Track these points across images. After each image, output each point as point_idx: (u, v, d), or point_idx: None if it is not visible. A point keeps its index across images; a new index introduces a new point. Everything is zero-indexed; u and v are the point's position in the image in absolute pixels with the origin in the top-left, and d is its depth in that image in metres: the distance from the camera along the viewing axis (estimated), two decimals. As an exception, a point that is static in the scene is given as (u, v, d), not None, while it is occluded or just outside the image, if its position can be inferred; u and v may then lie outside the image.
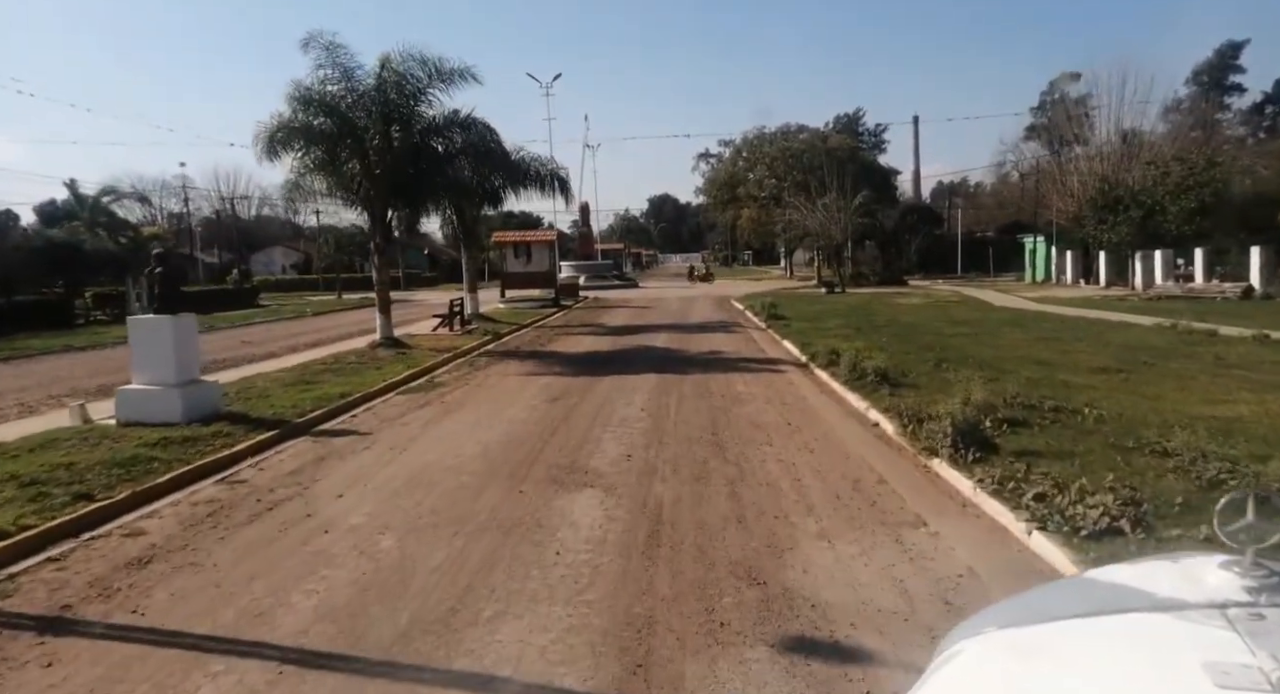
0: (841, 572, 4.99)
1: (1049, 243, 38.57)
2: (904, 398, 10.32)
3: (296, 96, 15.32)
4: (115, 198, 56.84)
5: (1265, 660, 0.96)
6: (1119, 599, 1.26)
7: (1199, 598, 1.17)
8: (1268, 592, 1.15)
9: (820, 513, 6.17)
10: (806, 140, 61.47)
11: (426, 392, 12.34)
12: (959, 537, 5.59)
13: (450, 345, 17.79)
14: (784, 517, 6.11)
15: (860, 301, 31.15)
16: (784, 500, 6.50)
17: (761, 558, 5.25)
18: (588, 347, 18.55)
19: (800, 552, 5.36)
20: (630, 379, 13.20)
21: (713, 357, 16.27)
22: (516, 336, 21.08)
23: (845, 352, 14.24)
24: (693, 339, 19.51)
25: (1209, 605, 1.14)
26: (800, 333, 19.26)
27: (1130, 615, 1.19)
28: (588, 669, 3.88)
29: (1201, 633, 1.06)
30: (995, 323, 20.46)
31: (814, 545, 5.47)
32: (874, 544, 5.45)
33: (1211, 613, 1.11)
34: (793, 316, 24.10)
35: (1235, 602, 1.14)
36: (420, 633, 4.28)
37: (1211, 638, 1.04)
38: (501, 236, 34.14)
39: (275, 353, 18.20)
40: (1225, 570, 1.22)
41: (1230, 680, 0.93)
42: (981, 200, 76.58)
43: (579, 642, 4.15)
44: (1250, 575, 1.19)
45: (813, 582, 4.84)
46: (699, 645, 4.09)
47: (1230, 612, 1.10)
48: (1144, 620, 1.16)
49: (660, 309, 30.97)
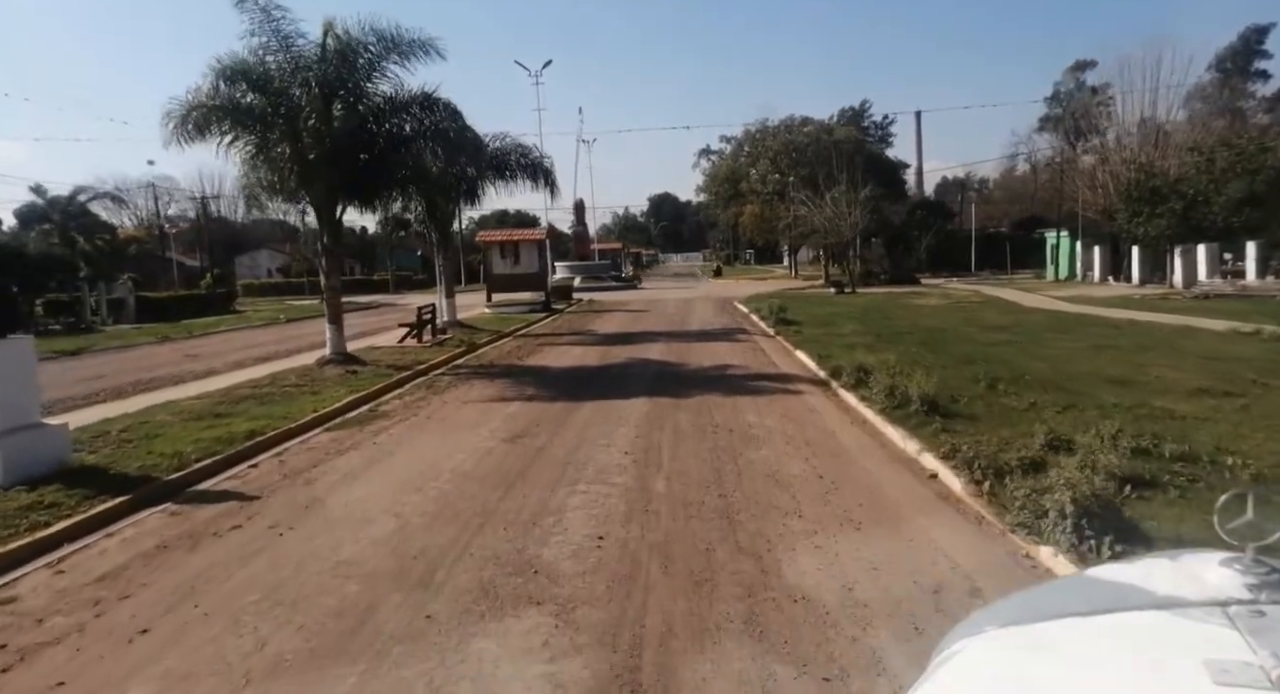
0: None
1: (1073, 238, 36.13)
2: (961, 435, 8.00)
3: (220, 68, 12.94)
4: (91, 198, 54.53)
5: (1266, 658, 0.94)
6: (1119, 597, 1.23)
7: (1199, 596, 1.15)
8: (1268, 589, 1.12)
9: (895, 668, 3.82)
10: (811, 133, 59.11)
11: (361, 427, 9.97)
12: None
13: (413, 361, 15.44)
14: (842, 676, 3.76)
15: (873, 303, 28.77)
16: (834, 636, 4.14)
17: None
18: (573, 360, 16.19)
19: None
20: (616, 405, 10.84)
21: (716, 373, 13.90)
22: (494, 348, 18.71)
23: (875, 367, 11.91)
24: (693, 349, 17.15)
25: (1209, 603, 1.12)
26: (814, 341, 16.90)
27: (1130, 613, 1.17)
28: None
29: (1202, 631, 1.05)
30: (1034, 328, 18.07)
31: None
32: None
33: (1212, 611, 1.09)
34: (803, 321, 21.77)
35: (1236, 599, 1.11)
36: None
37: (1212, 636, 1.03)
38: (487, 236, 31.77)
39: (216, 370, 15.86)
40: (1226, 568, 1.18)
41: (1230, 678, 0.92)
42: (991, 195, 74.12)
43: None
44: (1251, 573, 1.16)
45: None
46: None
47: (1231, 609, 1.09)
48: (1144, 618, 1.14)
49: (658, 313, 28.61)
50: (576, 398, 11.55)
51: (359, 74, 14.10)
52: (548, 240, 39.11)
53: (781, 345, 17.58)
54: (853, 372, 11.78)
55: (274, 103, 13.22)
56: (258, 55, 13.40)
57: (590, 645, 4.14)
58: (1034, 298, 27.67)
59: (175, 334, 25.13)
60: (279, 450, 8.76)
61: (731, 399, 11.15)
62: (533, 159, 21.82)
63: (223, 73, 13.03)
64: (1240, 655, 0.97)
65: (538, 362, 16.03)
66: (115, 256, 53.67)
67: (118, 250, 54.25)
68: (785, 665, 3.88)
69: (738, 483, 7.00)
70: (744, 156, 63.15)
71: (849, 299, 31.60)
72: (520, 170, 21.76)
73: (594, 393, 11.95)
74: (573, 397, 11.67)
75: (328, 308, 14.87)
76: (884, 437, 8.72)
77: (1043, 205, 65.38)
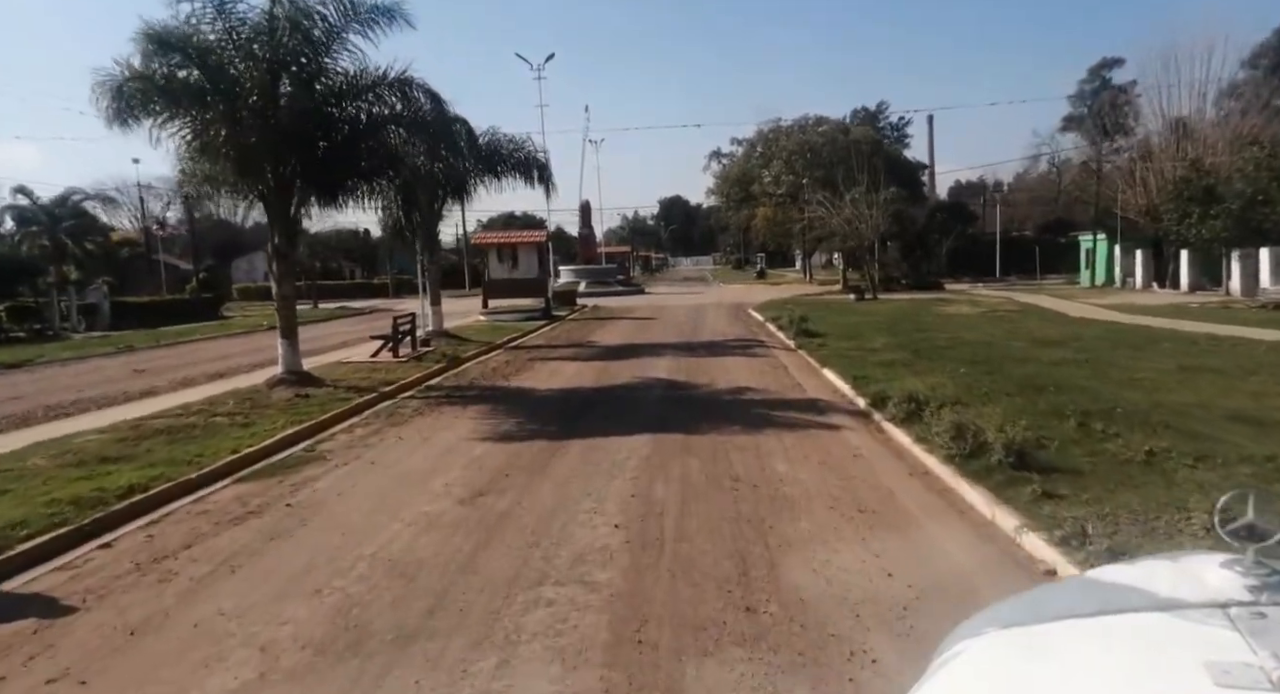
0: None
1: (1111, 240, 33.75)
2: (1071, 503, 5.90)
3: (150, 34, 10.86)
4: (83, 199, 52.76)
5: (1266, 659, 0.95)
6: (1120, 599, 1.23)
7: (1200, 597, 1.15)
8: (1269, 590, 1.12)
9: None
10: (826, 133, 56.80)
11: (283, 477, 7.84)
12: None
13: (381, 380, 13.35)
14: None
15: (899, 311, 26.55)
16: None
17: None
18: (566, 379, 14.06)
19: None
20: (610, 445, 8.70)
21: (732, 398, 11.75)
22: (479, 363, 16.58)
23: (926, 395, 9.74)
24: (704, 366, 14.99)
25: (1210, 605, 1.12)
26: (843, 357, 14.74)
27: (1131, 615, 1.17)
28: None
29: (1202, 632, 1.05)
30: (1096, 342, 15.82)
31: None
32: None
33: (1212, 612, 1.09)
34: (826, 331, 19.60)
35: (1236, 601, 1.11)
36: None
37: (1212, 637, 1.03)
38: (483, 238, 29.73)
39: (157, 390, 13.83)
40: (1226, 569, 1.19)
41: (1231, 679, 0.92)
42: (1011, 197, 71.56)
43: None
44: (1251, 574, 1.16)
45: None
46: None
47: (1231, 611, 1.09)
48: (1145, 620, 1.15)
49: (666, 321, 26.46)
50: (563, 433, 9.41)
51: (316, 47, 12.03)
52: (549, 242, 37.06)
53: (805, 361, 15.41)
54: (902, 401, 9.60)
55: (212, 78, 11.15)
56: (192, 23, 11.34)
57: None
58: (1077, 306, 25.37)
59: (142, 343, 23.15)
60: (158, 515, 6.64)
61: (753, 437, 8.99)
62: (525, 153, 19.76)
63: (152, 40, 10.96)
64: (1241, 657, 0.96)
65: (525, 381, 13.89)
66: (107, 259, 52.10)
67: (110, 253, 52.60)
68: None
69: (772, 588, 4.84)
70: (756, 157, 60.89)
71: (871, 306, 29.39)
72: (512, 165, 19.69)
73: (585, 426, 9.81)
74: (559, 432, 9.54)
75: (280, 319, 12.80)
76: (960, 500, 6.55)
77: (1066, 207, 63.01)
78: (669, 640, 4.23)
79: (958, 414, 8.41)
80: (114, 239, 54.12)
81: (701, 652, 4.10)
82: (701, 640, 4.21)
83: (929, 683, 1.17)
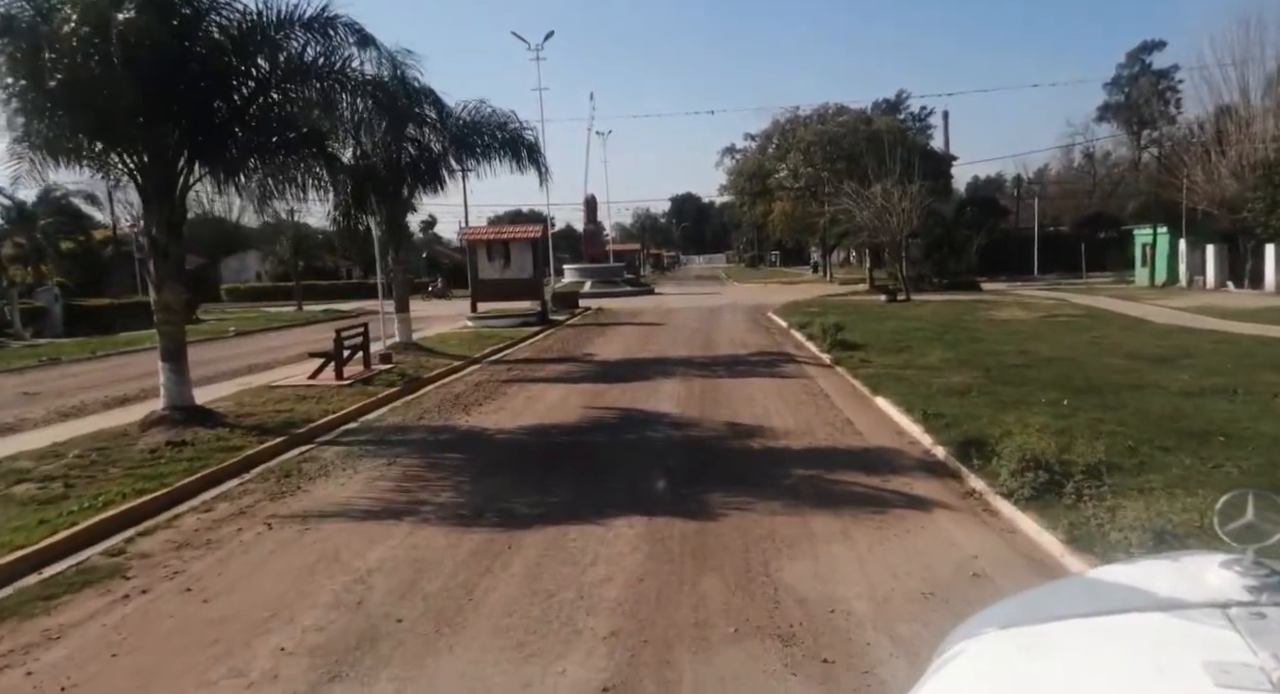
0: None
1: (1173, 235, 30.26)
2: None
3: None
4: (65, 195, 49.96)
5: (1266, 660, 0.95)
6: (1120, 599, 1.24)
7: (1200, 597, 1.15)
8: (1268, 591, 1.12)
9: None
10: (847, 123, 53.48)
11: (25, 619, 4.72)
12: None
13: (304, 415, 10.26)
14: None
15: (941, 314, 23.26)
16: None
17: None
18: (543, 412, 10.88)
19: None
20: (578, 549, 5.54)
21: (763, 448, 8.55)
22: (442, 387, 13.39)
23: (1047, 450, 6.54)
24: (722, 393, 11.82)
25: (1210, 605, 1.12)
26: (897, 379, 11.58)
27: (1131, 615, 1.17)
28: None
29: (1202, 632, 1.05)
30: (1215, 359, 12.50)
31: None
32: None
33: (1212, 612, 1.10)
34: (865, 341, 16.42)
35: (1236, 601, 1.11)
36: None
37: (1212, 637, 1.03)
38: (471, 234, 26.56)
39: (20, 425, 10.81)
40: (1226, 569, 1.18)
41: (1231, 680, 0.93)
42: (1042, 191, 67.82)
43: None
44: (1251, 574, 1.15)
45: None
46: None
47: (1231, 611, 1.09)
48: (1145, 620, 1.15)
49: (677, 326, 23.27)
50: (512, 520, 6.26)
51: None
52: (548, 239, 34.01)
53: (848, 384, 12.22)
54: (1018, 463, 6.40)
55: (42, 8, 8.05)
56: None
57: None
58: (1152, 309, 21.98)
59: (72, 354, 20.17)
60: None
61: (803, 526, 5.83)
62: (511, 130, 16.61)
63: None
64: (1241, 657, 0.96)
65: (488, 417, 10.71)
66: (87, 259, 49.40)
67: (91, 252, 49.88)
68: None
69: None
70: (773, 149, 57.57)
71: (906, 309, 26.10)
72: (495, 145, 16.56)
73: (548, 504, 6.65)
74: (507, 515, 6.38)
75: (160, 338, 9.71)
76: None
77: (1102, 201, 59.36)
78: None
79: (1141, 502, 5.24)
80: (98, 237, 51.38)
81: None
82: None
83: (929, 683, 1.15)
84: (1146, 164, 55.83)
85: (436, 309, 34.44)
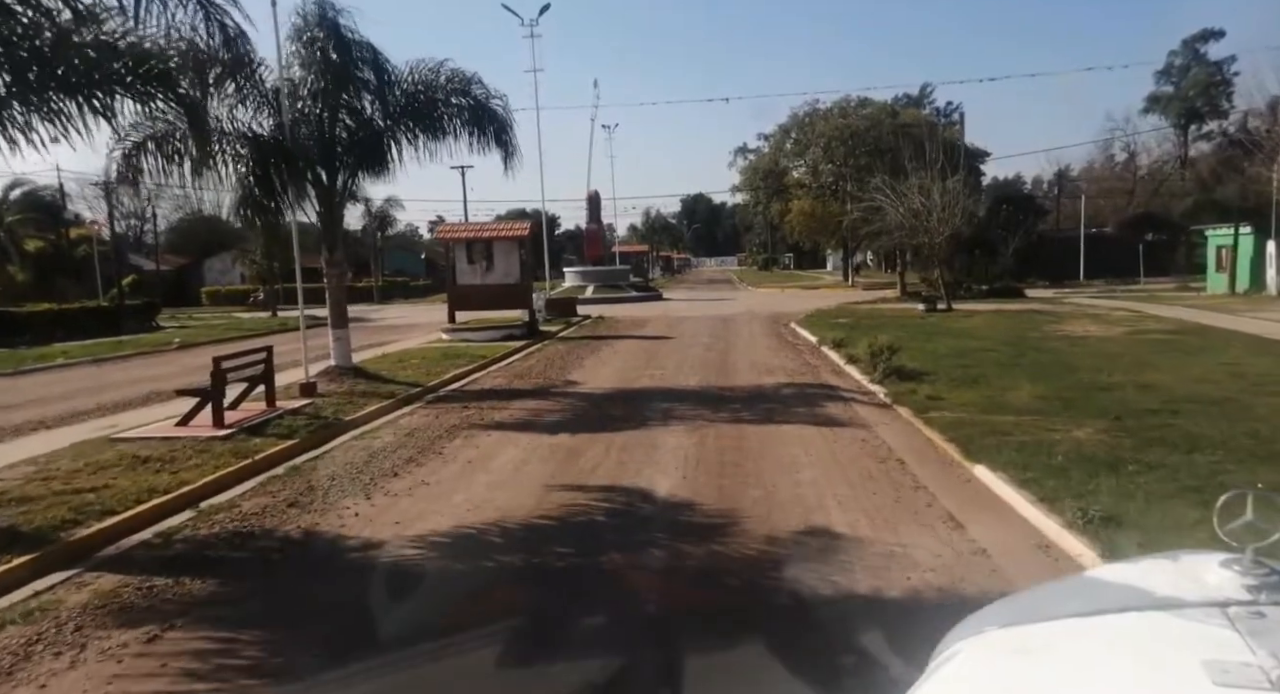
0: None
1: (1259, 236, 26.45)
2: None
3: None
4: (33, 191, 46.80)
5: (1265, 659, 0.94)
6: (1119, 598, 1.22)
7: (1199, 596, 1.14)
8: (1268, 590, 1.11)
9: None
10: (871, 115, 49.73)
11: None
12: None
13: (117, 497, 6.73)
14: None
15: (997, 328, 19.63)
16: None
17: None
18: (477, 501, 7.20)
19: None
20: None
21: (827, 603, 4.91)
22: (363, 439, 9.73)
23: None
24: (747, 455, 8.21)
25: (1209, 604, 1.10)
26: (992, 430, 8.12)
27: (1130, 614, 1.15)
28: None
29: (1201, 631, 1.04)
30: None
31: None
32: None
33: (1211, 611, 1.08)
34: (924, 367, 12.90)
35: (1235, 600, 1.10)
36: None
37: (1211, 636, 1.02)
38: (448, 231, 23.01)
39: None
40: (1225, 569, 1.17)
41: (1230, 679, 0.92)
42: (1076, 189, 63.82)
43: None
44: (1250, 574, 1.15)
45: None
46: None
47: (1230, 610, 1.08)
48: (1144, 619, 1.14)
49: (685, 343, 19.69)
50: None
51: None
52: (544, 238, 30.51)
53: (924, 440, 8.63)
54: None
55: None
56: None
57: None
58: (1263, 324, 18.26)
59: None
60: None
61: None
62: (474, 97, 13.08)
63: None
64: (1240, 656, 0.96)
65: (392, 510, 7.08)
66: (58, 259, 46.21)
67: (62, 252, 46.67)
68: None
69: None
70: (790, 144, 53.88)
71: (952, 321, 22.43)
72: (454, 116, 13.04)
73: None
74: None
75: None
76: None
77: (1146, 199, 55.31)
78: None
79: None
80: (72, 235, 48.18)
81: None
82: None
83: (929, 683, 1.15)
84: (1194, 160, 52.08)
85: (420, 315, 30.92)
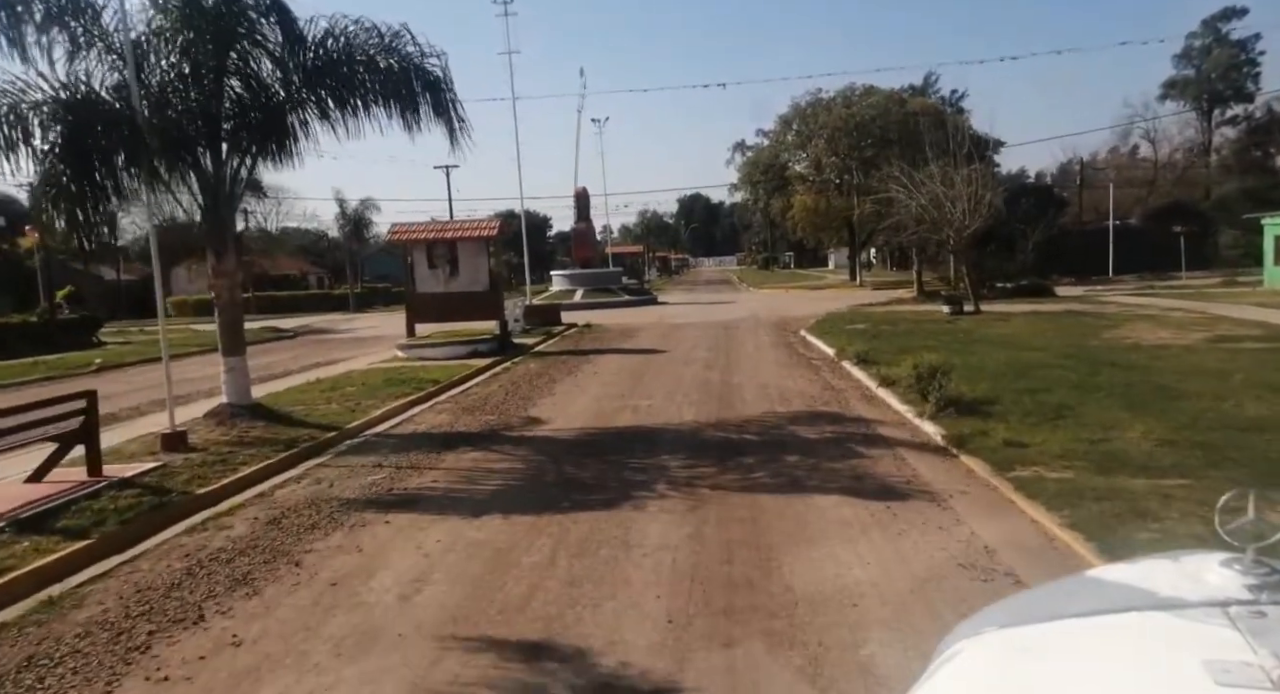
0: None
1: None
2: None
3: None
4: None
5: (1266, 658, 0.94)
6: (1120, 598, 1.22)
7: (1200, 596, 1.14)
8: (1269, 590, 1.11)
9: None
10: (878, 104, 46.78)
11: None
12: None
13: None
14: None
15: (1044, 335, 16.69)
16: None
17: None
18: (313, 677, 4.36)
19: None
20: None
21: None
22: (204, 533, 6.78)
23: None
24: (771, 570, 5.24)
25: (1210, 604, 1.10)
26: (1138, 512, 5.03)
27: (1131, 614, 1.15)
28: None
29: (1202, 631, 1.04)
30: None
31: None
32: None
33: (1212, 611, 1.08)
34: (984, 392, 9.99)
35: (1236, 600, 1.10)
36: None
37: (1212, 636, 1.02)
38: (404, 232, 20.02)
39: None
40: (1226, 568, 1.18)
41: (1231, 678, 0.92)
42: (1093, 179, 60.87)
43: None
44: (1251, 573, 1.15)
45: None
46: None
47: (1231, 610, 1.07)
48: (1145, 619, 1.13)
49: (681, 357, 16.73)
50: None
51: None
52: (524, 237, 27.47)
53: (1030, 525, 5.65)
54: None
55: None
56: None
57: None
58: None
59: None
60: None
61: None
62: (402, 59, 10.13)
63: None
64: (1241, 656, 0.96)
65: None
66: (7, 269, 43.26)
67: (11, 262, 43.70)
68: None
69: None
70: (791, 135, 50.98)
71: (985, 327, 19.47)
72: (376, 83, 10.08)
73: None
74: None
75: None
76: None
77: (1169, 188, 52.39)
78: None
79: None
80: (26, 245, 45.31)
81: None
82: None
83: (928, 683, 1.15)
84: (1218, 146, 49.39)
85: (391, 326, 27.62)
